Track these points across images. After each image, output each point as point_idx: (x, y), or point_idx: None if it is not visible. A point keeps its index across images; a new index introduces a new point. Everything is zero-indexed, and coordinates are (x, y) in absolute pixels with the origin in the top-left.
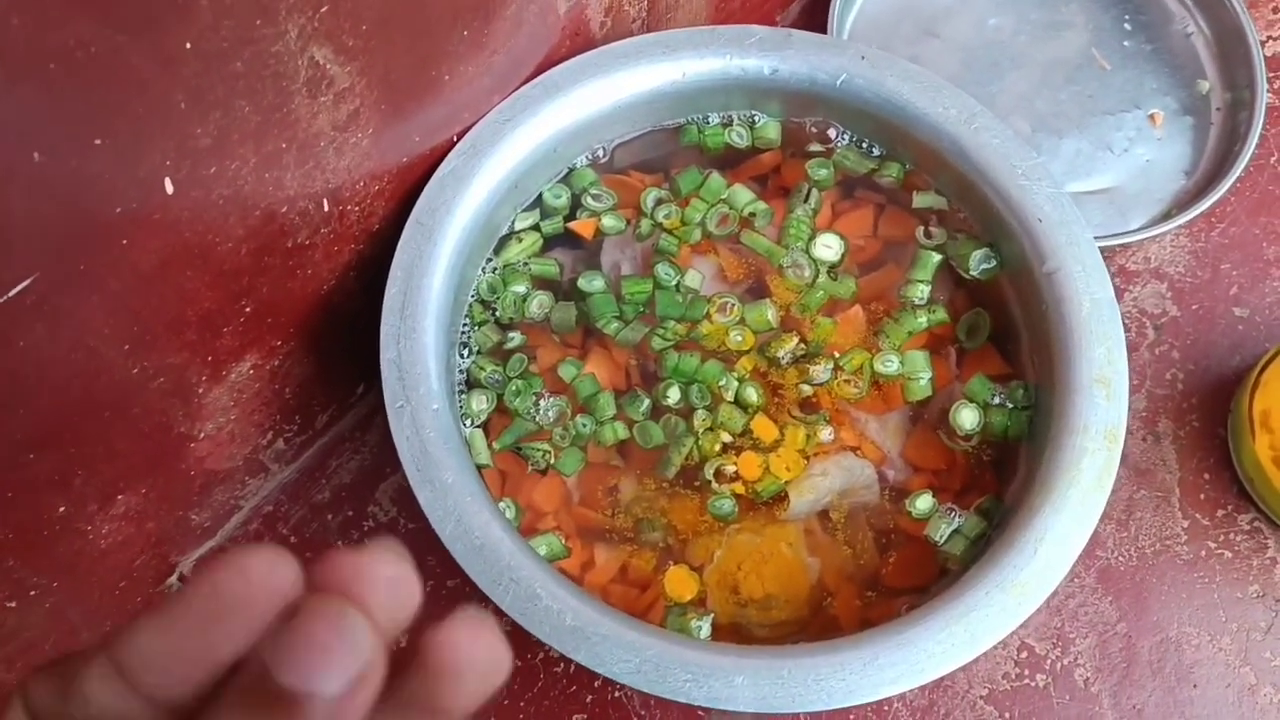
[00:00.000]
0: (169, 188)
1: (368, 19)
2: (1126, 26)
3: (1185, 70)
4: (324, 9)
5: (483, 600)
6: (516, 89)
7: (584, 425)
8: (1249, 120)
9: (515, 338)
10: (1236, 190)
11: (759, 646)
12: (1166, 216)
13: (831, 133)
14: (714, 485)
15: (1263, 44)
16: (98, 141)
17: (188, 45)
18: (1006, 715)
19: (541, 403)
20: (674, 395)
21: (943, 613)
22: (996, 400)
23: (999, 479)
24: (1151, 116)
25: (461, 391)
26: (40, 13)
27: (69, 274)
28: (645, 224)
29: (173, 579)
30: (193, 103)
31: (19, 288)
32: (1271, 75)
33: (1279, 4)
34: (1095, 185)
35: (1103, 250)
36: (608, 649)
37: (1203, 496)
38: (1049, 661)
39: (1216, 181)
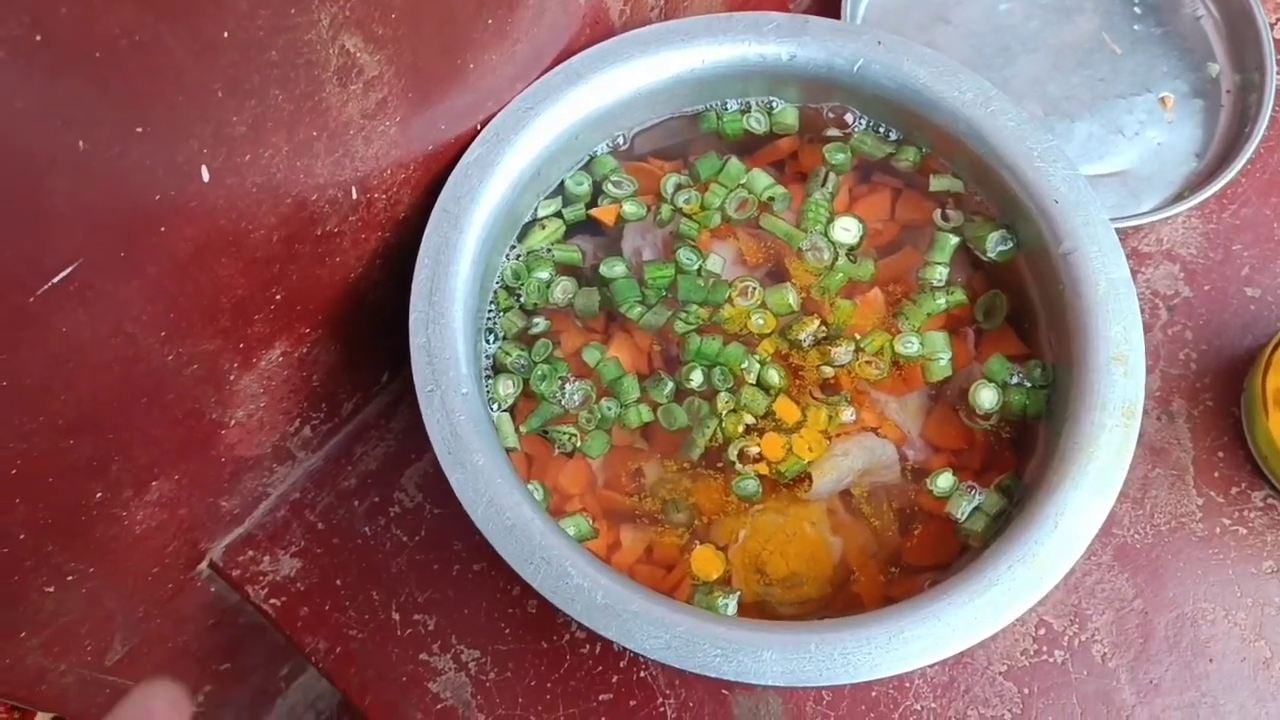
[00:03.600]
0: (205, 175)
1: (397, 7)
2: (1136, 10)
3: (1195, 53)
4: None
5: (514, 580)
6: (538, 77)
7: (609, 408)
8: (1259, 102)
9: (540, 323)
10: (1247, 171)
11: (787, 622)
12: (1178, 198)
13: (849, 117)
14: (738, 466)
15: (1272, 26)
16: (139, 129)
17: (225, 34)
18: (1025, 690)
19: (567, 387)
20: (697, 378)
21: (966, 587)
22: (1015, 379)
23: (1018, 457)
24: (1162, 99)
25: (488, 376)
26: (87, 2)
27: (110, 261)
28: (665, 209)
29: (202, 565)
30: (229, 91)
31: (63, 274)
32: None
33: None
34: (1108, 168)
35: (1116, 232)
36: (638, 626)
37: (1217, 474)
38: (1067, 638)
39: (1227, 163)
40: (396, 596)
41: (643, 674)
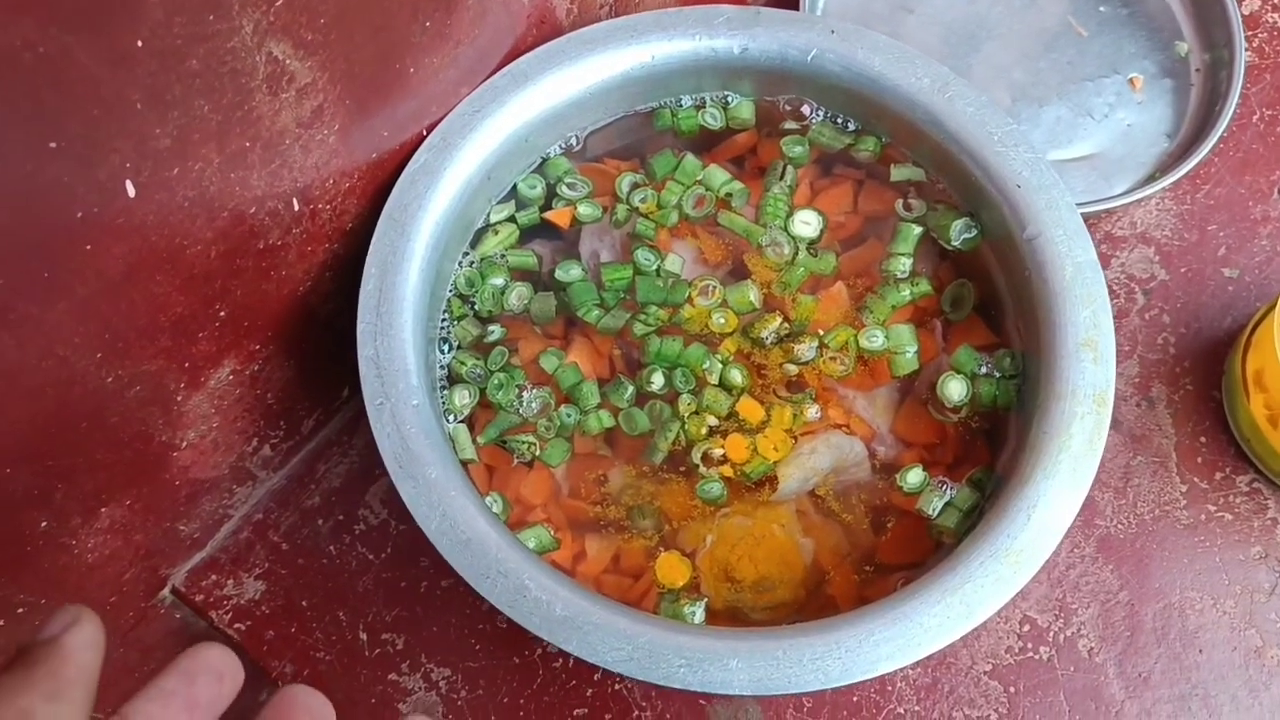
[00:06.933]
0: (131, 190)
1: (325, 12)
2: None
3: (1163, 33)
4: (279, 3)
5: (472, 595)
6: (485, 80)
7: (568, 415)
8: (1229, 79)
9: (495, 331)
10: (1219, 150)
11: (754, 629)
12: (1150, 180)
13: (806, 109)
14: (702, 469)
15: (1239, 2)
16: (53, 145)
17: (139, 43)
18: (1011, 689)
19: (524, 395)
20: (658, 381)
21: (937, 585)
22: (984, 370)
23: (991, 449)
24: (1131, 81)
25: (444, 387)
26: None
27: (32, 281)
28: (621, 210)
29: (165, 591)
30: (149, 103)
31: None
32: (1249, 33)
33: None
34: (1078, 152)
35: (1088, 217)
36: (600, 638)
37: (1200, 460)
38: (1052, 633)
39: (1199, 142)
40: (364, 616)
41: (617, 687)
